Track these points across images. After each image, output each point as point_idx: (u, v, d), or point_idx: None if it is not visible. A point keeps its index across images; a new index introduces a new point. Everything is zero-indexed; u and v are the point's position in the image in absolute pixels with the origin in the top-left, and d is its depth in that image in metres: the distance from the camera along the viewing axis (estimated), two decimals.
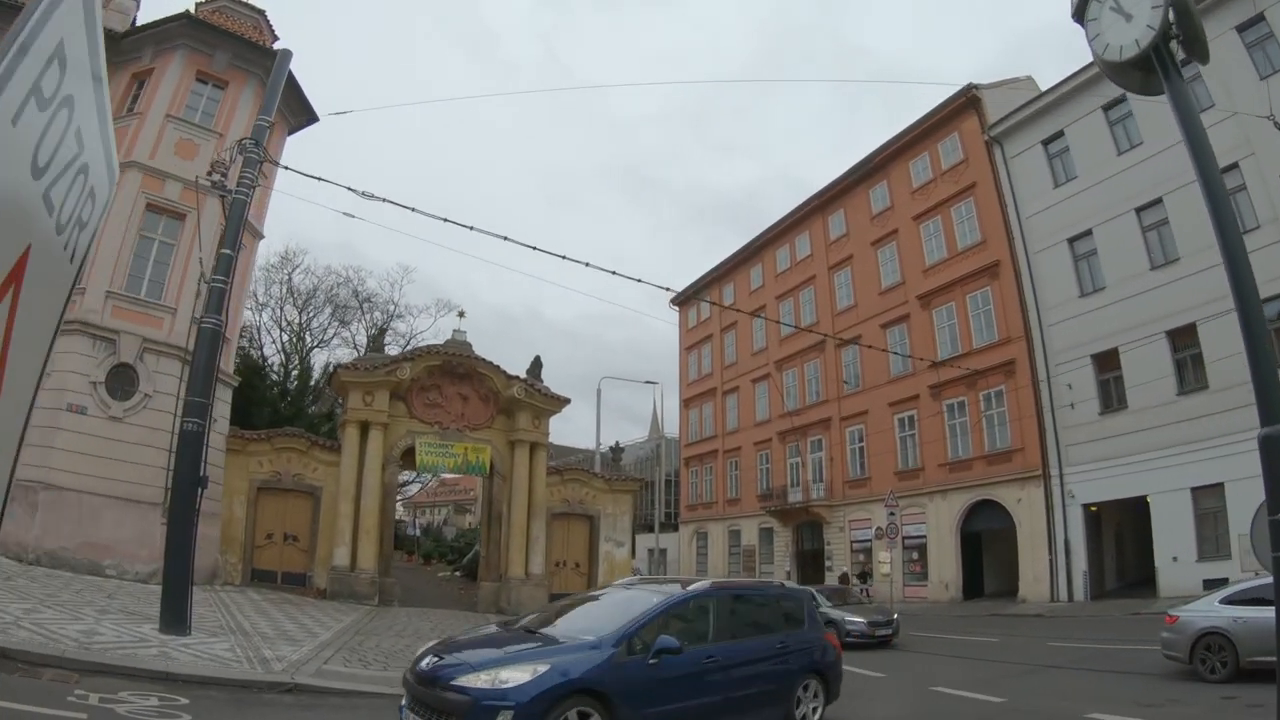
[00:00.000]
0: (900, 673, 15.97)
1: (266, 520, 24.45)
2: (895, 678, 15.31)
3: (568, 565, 27.58)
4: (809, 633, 10.74)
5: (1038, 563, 30.22)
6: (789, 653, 10.04)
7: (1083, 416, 29.32)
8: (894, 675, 15.58)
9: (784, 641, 10.11)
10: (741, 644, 9.53)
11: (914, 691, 13.68)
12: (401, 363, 25.17)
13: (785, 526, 45.34)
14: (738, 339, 52.97)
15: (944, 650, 19.51)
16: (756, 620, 10.34)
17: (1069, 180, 31.14)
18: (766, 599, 11.17)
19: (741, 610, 10.20)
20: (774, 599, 11.22)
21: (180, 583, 12.48)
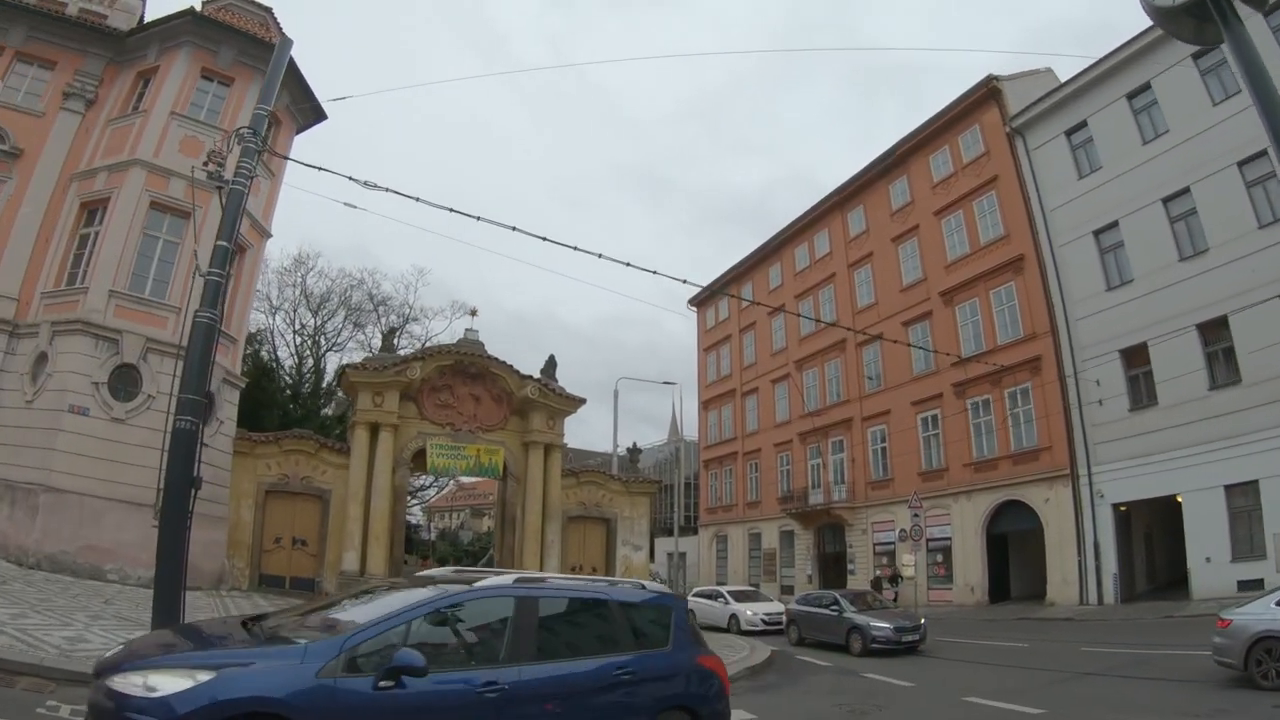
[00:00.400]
0: (929, 681, 15.23)
1: (274, 524, 23.92)
2: (924, 687, 14.59)
3: (584, 569, 26.77)
4: (673, 654, 7.89)
5: (1066, 565, 29.42)
6: (638, 683, 7.36)
7: (1111, 414, 28.48)
8: (923, 684, 14.85)
9: (629, 666, 7.36)
10: (554, 668, 6.99)
11: (945, 702, 12.94)
12: (412, 362, 24.60)
13: (806, 529, 44.63)
14: (757, 339, 52.42)
15: (973, 656, 18.77)
16: (586, 635, 7.65)
17: (1093, 171, 30.38)
18: (603, 606, 7.88)
19: (559, 621, 7.53)
20: (616, 606, 7.90)
21: (172, 588, 11.82)
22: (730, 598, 29.46)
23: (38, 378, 20.41)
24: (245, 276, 24.74)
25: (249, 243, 24.44)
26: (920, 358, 37.62)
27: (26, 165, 22.30)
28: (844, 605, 21.60)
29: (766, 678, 15.95)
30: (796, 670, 17.43)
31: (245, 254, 24.45)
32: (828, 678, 16.29)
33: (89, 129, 23.23)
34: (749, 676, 15.70)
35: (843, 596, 22.39)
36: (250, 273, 25.27)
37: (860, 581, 38.77)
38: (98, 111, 23.44)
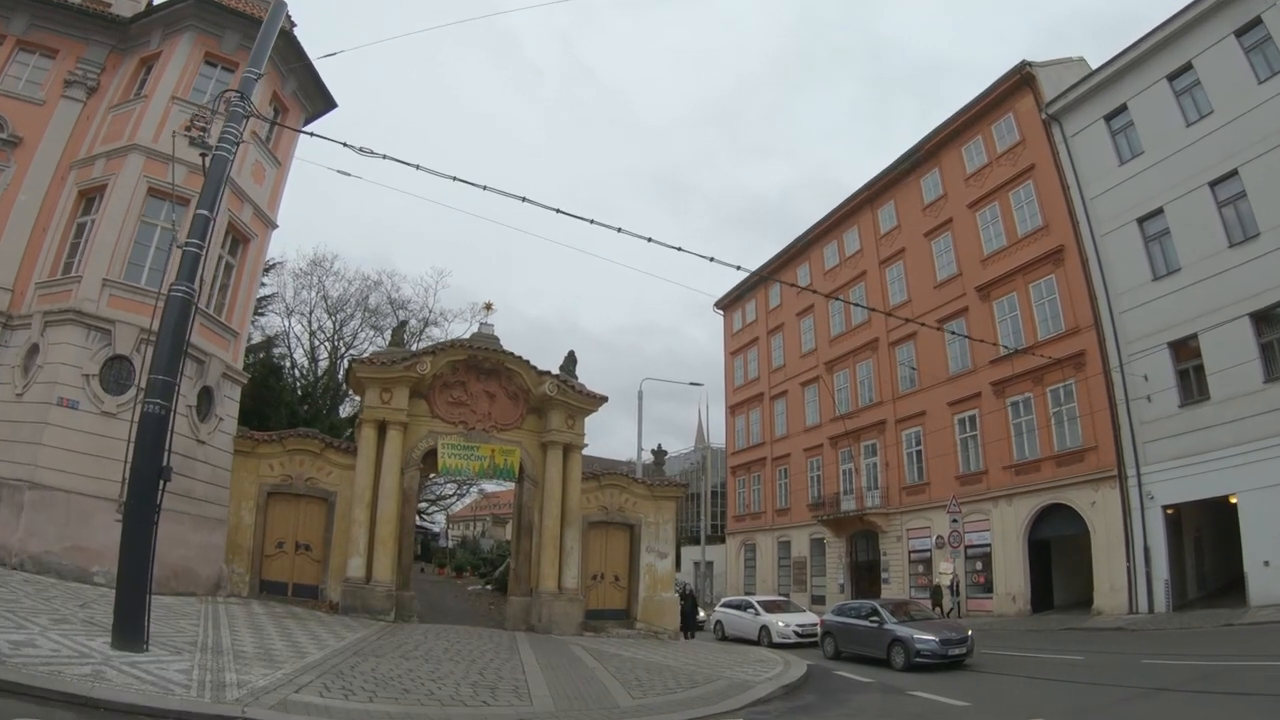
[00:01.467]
0: (988, 700, 13.64)
1: (277, 528, 22.59)
2: (983, 707, 12.98)
3: (605, 578, 25.36)
4: None
5: (1114, 571, 28.05)
6: None
7: (1161, 410, 27.18)
8: (981, 704, 13.23)
9: None
10: None
11: None
12: (422, 357, 23.12)
13: (838, 537, 43.30)
14: (785, 341, 51.34)
15: (1025, 671, 17.19)
16: None
17: (1135, 156, 29.13)
18: None
19: None
20: None
21: (136, 591, 10.59)
22: (761, 608, 28.31)
23: (28, 370, 19.31)
24: (249, 268, 23.58)
25: (253, 233, 23.35)
26: (957, 357, 36.84)
27: (25, 154, 21.39)
28: (885, 616, 20.07)
29: (804, 697, 14.45)
30: (836, 688, 15.89)
31: (249, 244, 23.38)
32: (873, 697, 14.79)
33: (90, 117, 22.32)
34: (785, 696, 14.22)
35: (883, 606, 20.85)
36: (255, 264, 24.07)
37: (895, 592, 37.49)
38: (99, 99, 22.54)
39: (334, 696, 9.78)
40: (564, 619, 22.90)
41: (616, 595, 25.47)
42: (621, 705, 11.70)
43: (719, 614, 30.32)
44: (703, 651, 21.58)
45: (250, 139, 22.81)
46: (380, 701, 9.96)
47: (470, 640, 18.42)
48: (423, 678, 12.14)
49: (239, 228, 22.74)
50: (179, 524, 19.63)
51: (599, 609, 24.84)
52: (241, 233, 22.95)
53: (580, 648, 19.31)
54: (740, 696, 13.17)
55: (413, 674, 12.32)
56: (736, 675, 16.05)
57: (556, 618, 22.81)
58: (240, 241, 23.14)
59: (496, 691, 11.73)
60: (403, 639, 17.10)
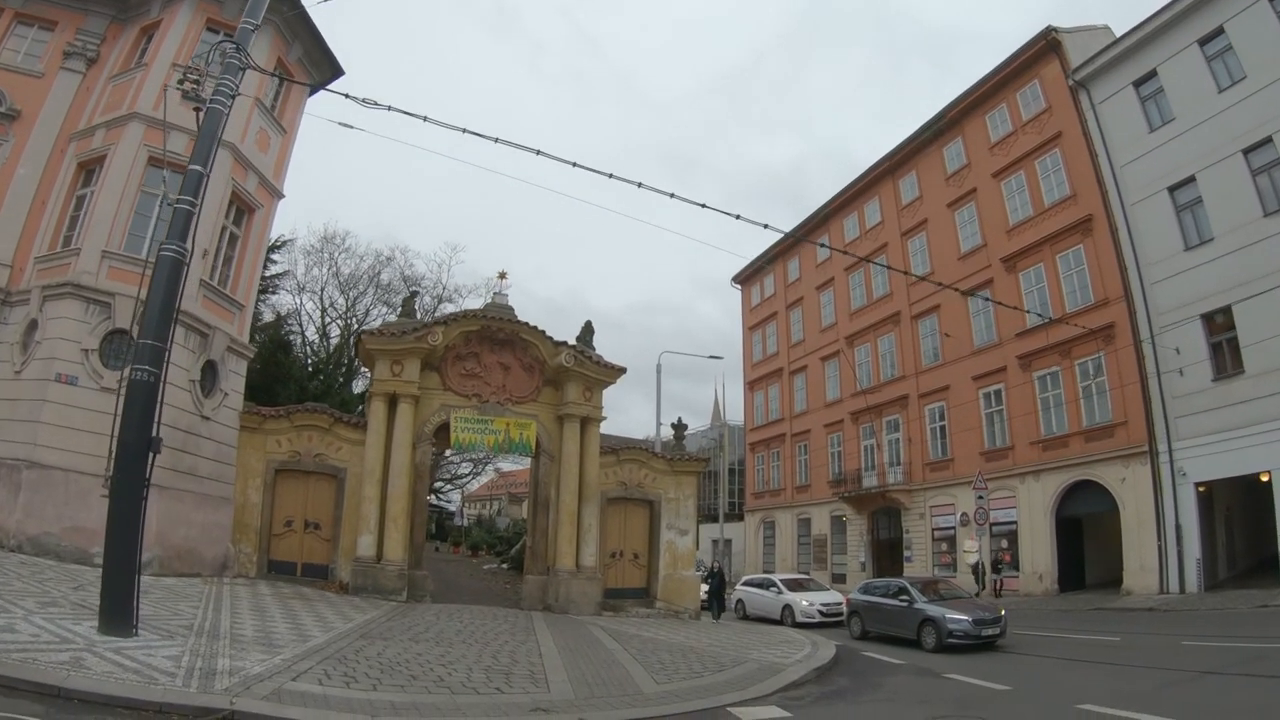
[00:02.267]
0: (1028, 684, 12.85)
1: (285, 506, 21.91)
2: (1025, 691, 12.20)
3: (624, 556, 24.57)
4: None
5: (1144, 550, 27.38)
6: None
7: (1193, 384, 26.48)
8: (1022, 688, 12.47)
9: None
10: None
11: (1059, 712, 10.54)
12: (434, 327, 22.26)
13: (859, 514, 42.74)
14: (804, 315, 50.58)
15: (1061, 652, 16.43)
16: None
17: (1165, 123, 28.23)
18: None
19: None
20: None
21: (124, 572, 9.88)
22: (784, 587, 27.63)
23: (27, 347, 18.72)
24: (254, 239, 22.91)
25: (258, 202, 22.66)
26: (981, 330, 36.17)
27: (24, 127, 20.87)
28: (915, 595, 19.32)
29: (836, 681, 13.66)
30: (867, 670, 15.12)
31: (254, 215, 22.71)
32: (907, 680, 13.97)
33: (89, 88, 21.73)
34: (816, 680, 13.43)
35: (912, 585, 20.12)
36: (260, 235, 23.42)
37: (918, 570, 36.89)
38: (99, 70, 21.93)
39: (334, 684, 9.04)
40: (582, 598, 22.21)
41: (636, 573, 24.70)
42: (645, 691, 10.93)
43: (740, 592, 29.60)
44: (726, 632, 20.89)
45: (254, 106, 22.21)
46: (385, 689, 9.24)
47: (484, 621, 17.70)
48: (432, 662, 11.41)
49: (244, 197, 22.03)
50: (182, 503, 19.04)
51: (618, 587, 24.07)
52: (246, 202, 22.25)
53: (599, 628, 18.61)
54: (770, 681, 12.39)
55: (422, 658, 11.59)
56: (764, 657, 15.31)
57: (574, 597, 22.12)
58: (245, 212, 22.44)
59: (511, 677, 10.98)
60: (414, 620, 16.40)
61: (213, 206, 20.23)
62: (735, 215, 13.95)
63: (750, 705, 10.70)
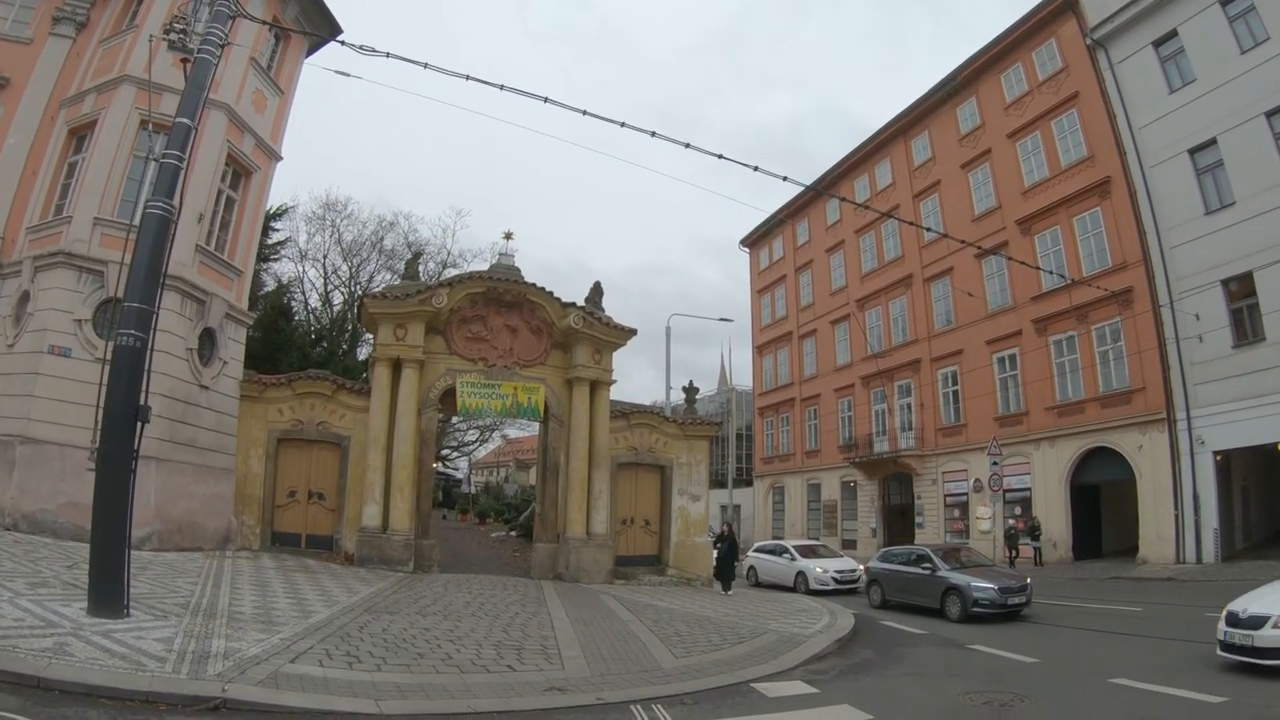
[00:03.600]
0: (1056, 656, 12.37)
1: (288, 476, 21.32)
2: (1054, 664, 11.70)
3: (635, 523, 24.03)
4: None
5: (1161, 519, 27.11)
6: None
7: (1213, 351, 26.05)
8: (1050, 660, 12.00)
9: None
10: None
11: (1093, 687, 10.01)
12: (438, 290, 21.56)
13: (870, 479, 42.44)
14: (814, 278, 49.96)
15: (1083, 623, 16.07)
16: None
17: (1186, 84, 27.50)
18: None
19: None
20: None
21: (114, 550, 9.37)
22: (796, 553, 27.00)
23: (19, 320, 18.18)
24: (252, 202, 22.16)
25: (255, 165, 21.91)
26: (996, 293, 35.65)
27: (13, 95, 20.20)
28: (938, 563, 18.74)
29: (859, 653, 13.14)
30: (890, 641, 14.60)
31: (252, 178, 21.96)
32: (931, 651, 13.50)
33: (80, 53, 20.98)
34: (839, 652, 12.92)
35: (935, 552, 19.51)
36: (258, 199, 22.64)
37: (929, 537, 36.63)
38: (89, 35, 21.16)
39: (336, 665, 8.52)
40: (593, 566, 21.68)
41: (647, 540, 24.17)
42: (664, 667, 10.43)
43: (752, 559, 28.90)
44: (741, 601, 20.39)
45: (250, 66, 21.51)
46: (390, 670, 8.73)
47: (494, 591, 17.26)
48: (440, 638, 10.90)
49: (240, 160, 21.32)
50: (182, 475, 18.54)
51: (629, 555, 23.54)
52: (243, 165, 21.54)
53: (611, 597, 18.11)
54: (792, 654, 11.89)
55: (429, 634, 11.08)
56: (783, 628, 14.81)
57: (585, 565, 21.60)
58: (242, 174, 21.73)
59: (523, 653, 10.48)
60: (421, 592, 15.94)
61: (208, 169, 19.65)
62: (754, 167, 13.52)
63: (774, 680, 10.23)
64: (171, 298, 18.37)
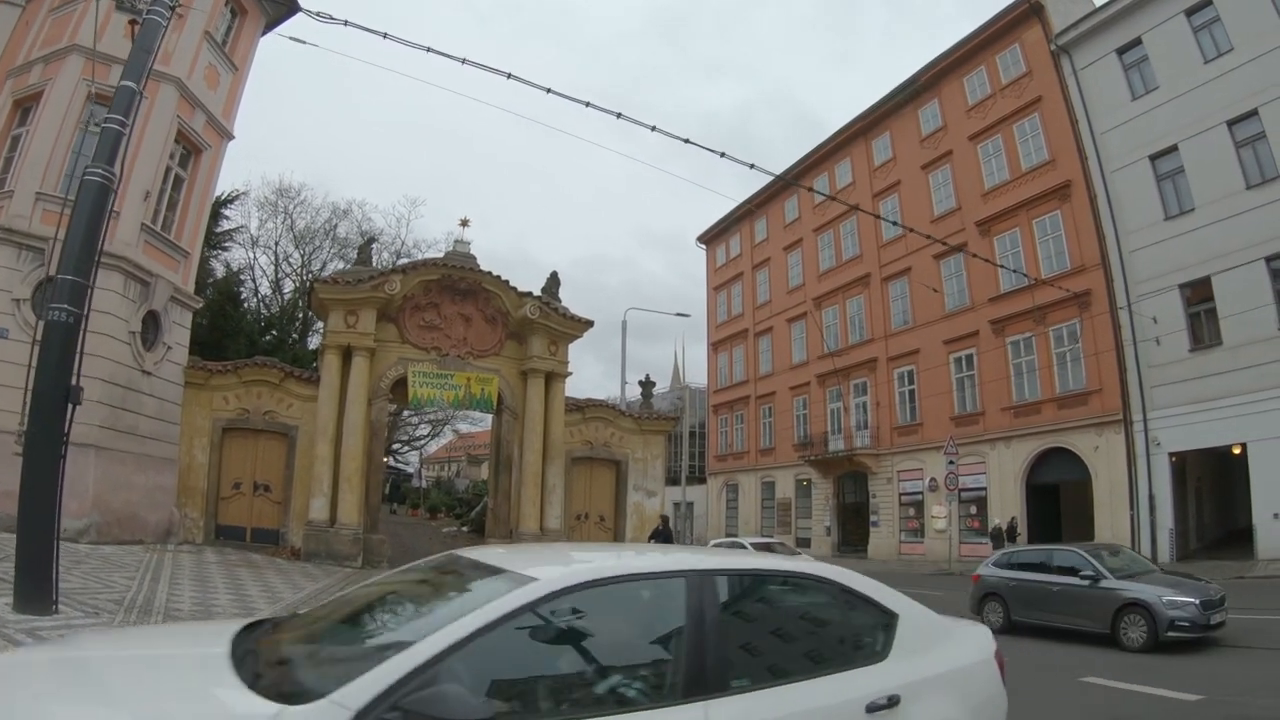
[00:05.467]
0: (1024, 660, 10.51)
1: (233, 467, 20.71)
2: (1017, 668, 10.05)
3: (590, 518, 23.65)
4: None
5: (1117, 519, 27.19)
6: None
7: (1170, 354, 26.22)
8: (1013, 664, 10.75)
9: None
10: None
11: None
12: (391, 276, 21.03)
13: (825, 478, 42.19)
14: (771, 276, 49.62)
15: None
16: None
17: (1149, 92, 27.69)
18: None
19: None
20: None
21: (41, 541, 8.77)
22: (753, 550, 25.22)
23: None
24: (202, 181, 21.40)
25: (206, 143, 21.14)
26: (954, 293, 35.52)
27: None
28: (1099, 568, 13.35)
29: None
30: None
31: (202, 156, 21.20)
32: None
33: (29, 22, 20.07)
34: None
35: (1090, 553, 14.12)
36: (208, 178, 21.85)
37: (884, 536, 36.62)
38: (39, 4, 20.26)
39: None
40: None
41: (602, 536, 23.78)
42: None
43: None
44: None
45: (203, 40, 20.77)
46: None
47: None
48: None
49: (190, 137, 20.54)
50: (122, 464, 17.83)
51: None
52: (193, 142, 20.76)
53: None
54: None
55: None
56: None
57: None
58: (192, 153, 20.97)
59: None
60: None
61: (156, 144, 18.94)
62: (720, 153, 12.93)
63: None
64: (114, 278, 17.69)
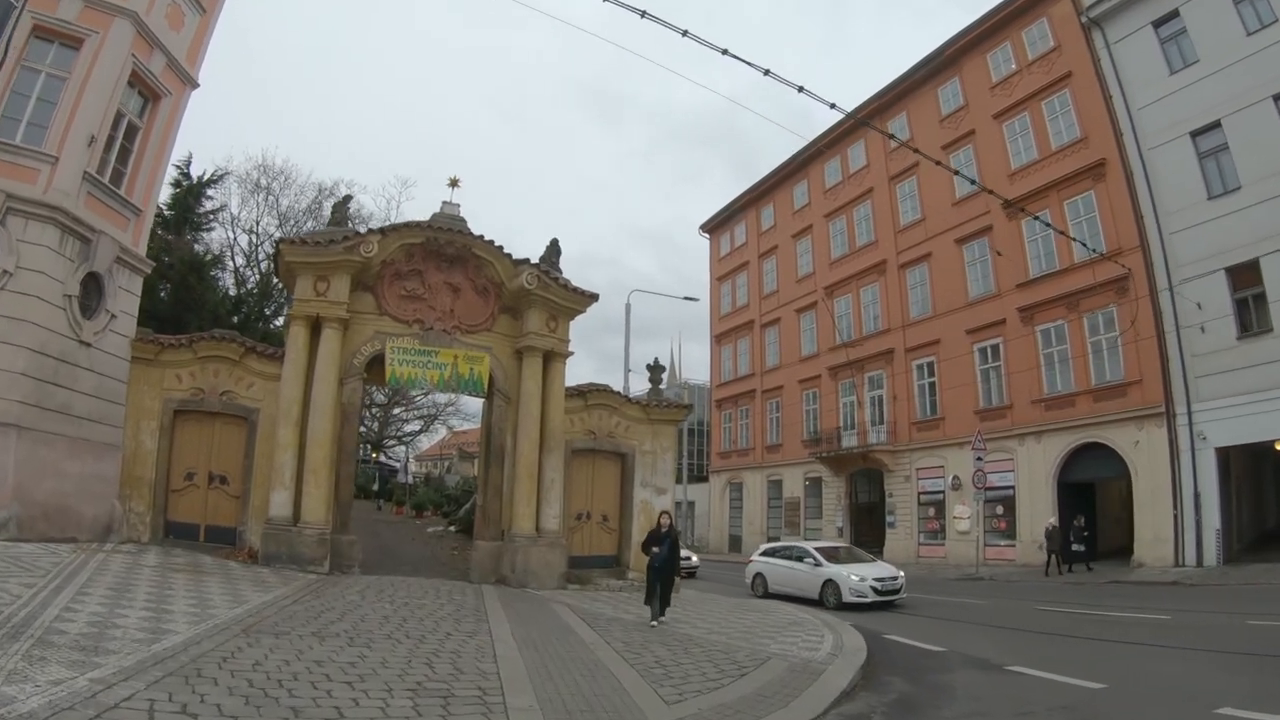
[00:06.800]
0: (1119, 678, 10.03)
1: (186, 454, 18.02)
2: (1127, 689, 9.51)
3: (592, 518, 20.98)
4: None
5: (1159, 519, 25.94)
6: None
7: (1215, 342, 25.02)
8: (1117, 683, 9.69)
9: None
10: None
11: None
12: (368, 237, 18.25)
13: (837, 476, 40.50)
14: (779, 264, 48.22)
15: (1118, 634, 13.94)
16: None
17: (1187, 66, 26.56)
18: None
19: None
20: None
21: None
22: (821, 557, 22.05)
23: None
24: (159, 131, 18.77)
25: (165, 89, 18.54)
26: (978, 280, 34.16)
27: None
28: None
29: (889, 683, 10.12)
30: (913, 664, 11.83)
31: (160, 103, 18.60)
32: (973, 678, 10.70)
33: None
34: (867, 684, 10.00)
35: None
36: (166, 128, 19.16)
37: (901, 537, 34.91)
38: None
39: None
40: (543, 569, 18.53)
41: (605, 539, 21.25)
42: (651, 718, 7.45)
43: (759, 565, 24.24)
44: (713, 608, 17.54)
45: None
46: None
47: (423, 600, 14.06)
48: (335, 677, 7.49)
49: (147, 80, 17.90)
50: (51, 448, 15.32)
51: (584, 555, 20.57)
52: (150, 87, 18.15)
53: (567, 608, 14.98)
54: (815, 690, 8.93)
55: (321, 670, 7.72)
56: (785, 649, 11.87)
57: (534, 568, 18.44)
58: (150, 99, 18.39)
59: (452, 703, 7.14)
60: (330, 601, 12.59)
61: (105, 84, 16.48)
62: (765, 70, 10.66)
63: None
64: (48, 231, 15.29)
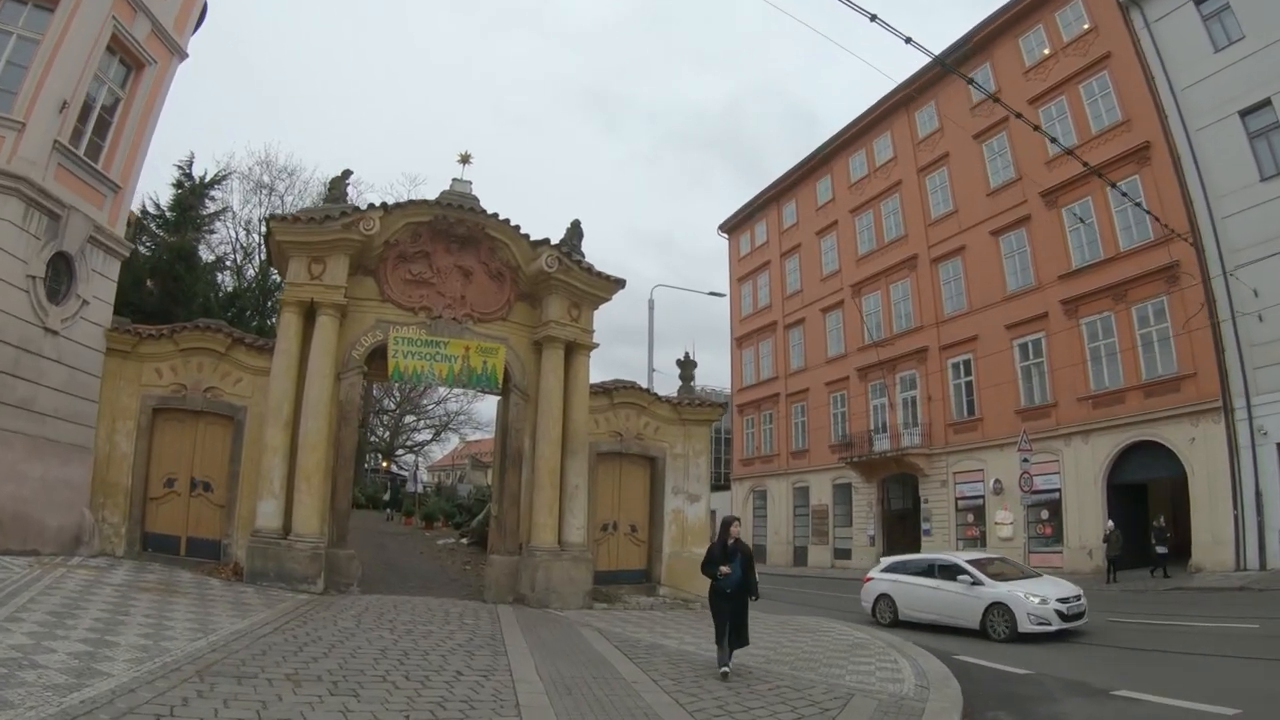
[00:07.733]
0: (1250, 701, 8.77)
1: (166, 458, 16.13)
2: None
3: (619, 529, 18.90)
4: None
5: (1218, 520, 24.50)
6: None
7: (1274, 330, 23.77)
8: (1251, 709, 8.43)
9: None
10: None
11: None
12: (369, 213, 16.15)
13: (868, 482, 38.76)
14: (803, 263, 46.51)
15: (1211, 647, 12.94)
16: None
17: (1233, 43, 25.58)
18: None
19: None
20: None
21: None
22: (980, 574, 16.92)
23: None
24: (141, 103, 16.95)
25: (150, 57, 16.73)
26: (1016, 272, 32.62)
27: None
28: None
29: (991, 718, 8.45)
30: (1007, 694, 10.06)
31: (144, 72, 16.78)
32: (1081, 708, 9.20)
33: None
34: None
35: None
36: (150, 99, 17.33)
37: (938, 545, 33.02)
38: None
39: None
40: (567, 587, 16.45)
41: (633, 552, 19.24)
42: None
43: (883, 584, 19.12)
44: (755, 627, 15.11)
45: None
46: None
47: (429, 626, 11.96)
48: None
49: (129, 46, 16.12)
50: (9, 449, 13.48)
51: (610, 570, 18.55)
52: (133, 54, 16.36)
53: (597, 633, 13.00)
54: None
55: None
56: (866, 683, 9.85)
57: (556, 585, 16.37)
58: (133, 67, 16.63)
59: None
60: (317, 630, 10.48)
61: (81, 47, 14.77)
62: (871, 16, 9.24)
63: None
64: (10, 204, 13.53)
